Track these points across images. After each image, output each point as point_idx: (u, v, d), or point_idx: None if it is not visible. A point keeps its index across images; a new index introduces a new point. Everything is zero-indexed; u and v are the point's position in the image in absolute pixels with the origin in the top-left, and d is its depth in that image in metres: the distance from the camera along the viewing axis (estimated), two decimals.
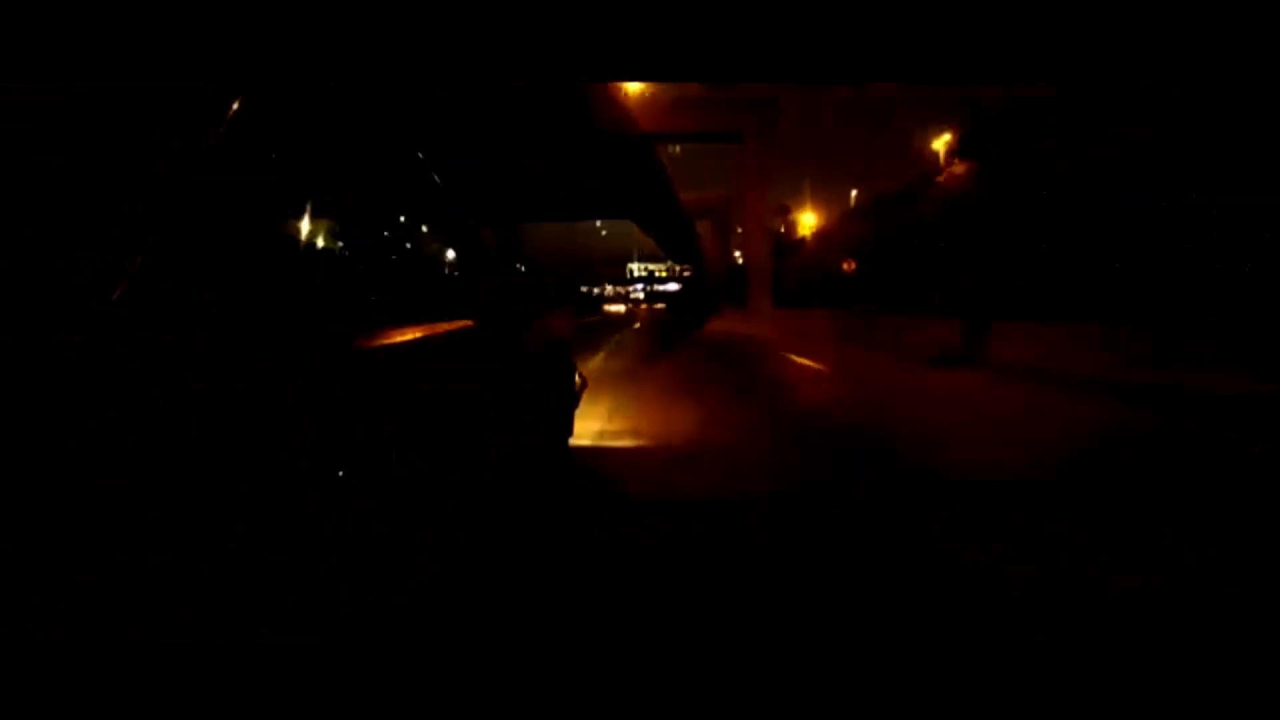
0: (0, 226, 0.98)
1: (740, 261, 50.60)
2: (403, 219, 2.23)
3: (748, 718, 1.63)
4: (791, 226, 47.61)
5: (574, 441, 4.25)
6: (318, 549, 1.30)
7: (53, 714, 0.82)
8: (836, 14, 1.50)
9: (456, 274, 2.62)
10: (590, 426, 5.31)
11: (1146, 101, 11.70)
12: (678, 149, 42.71)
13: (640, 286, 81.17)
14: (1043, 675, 1.79)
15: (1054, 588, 2.37)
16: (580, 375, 4.41)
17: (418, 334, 1.86)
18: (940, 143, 29.90)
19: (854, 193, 42.82)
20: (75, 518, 0.86)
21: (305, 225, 1.48)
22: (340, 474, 1.37)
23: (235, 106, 1.21)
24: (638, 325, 26.19)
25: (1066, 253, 13.12)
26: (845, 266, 24.87)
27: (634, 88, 29.33)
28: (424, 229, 2.42)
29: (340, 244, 1.66)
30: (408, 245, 2.32)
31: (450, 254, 2.60)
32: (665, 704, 1.66)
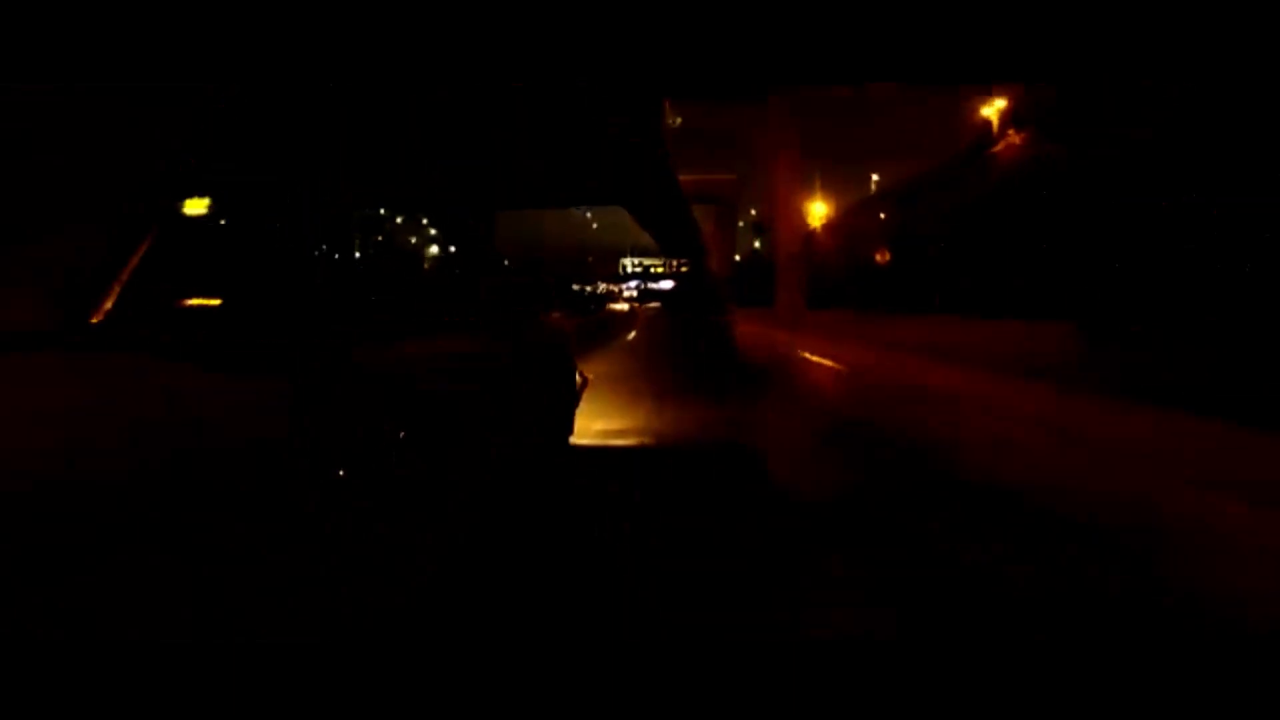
0: (0, 226, 0.98)
1: (738, 258, 49.97)
2: (401, 219, 2.23)
3: None
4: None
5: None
6: (318, 549, 1.30)
7: (53, 714, 0.82)
8: (836, 14, 1.49)
9: (456, 273, 2.62)
10: None
11: (1146, 101, 11.66)
12: (678, 120, 38.26)
13: (634, 284, 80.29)
14: (1043, 675, 1.79)
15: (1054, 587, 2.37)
16: (581, 374, 4.41)
17: (417, 333, 1.86)
18: (993, 109, 25.87)
19: (874, 177, 40.10)
20: (75, 518, 0.86)
21: (304, 226, 1.48)
22: (340, 474, 1.37)
23: (234, 106, 1.21)
24: (632, 336, 18.32)
25: None
26: (879, 258, 22.44)
27: None
28: (422, 229, 2.42)
29: (339, 245, 1.66)
30: (406, 245, 2.32)
31: (449, 252, 2.60)
32: (664, 703, 1.66)
